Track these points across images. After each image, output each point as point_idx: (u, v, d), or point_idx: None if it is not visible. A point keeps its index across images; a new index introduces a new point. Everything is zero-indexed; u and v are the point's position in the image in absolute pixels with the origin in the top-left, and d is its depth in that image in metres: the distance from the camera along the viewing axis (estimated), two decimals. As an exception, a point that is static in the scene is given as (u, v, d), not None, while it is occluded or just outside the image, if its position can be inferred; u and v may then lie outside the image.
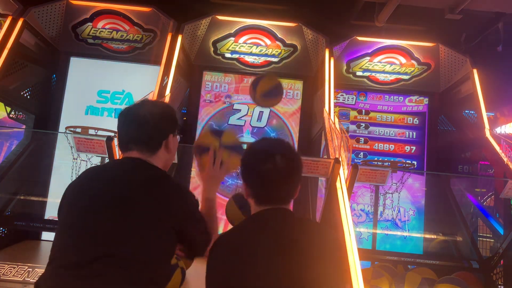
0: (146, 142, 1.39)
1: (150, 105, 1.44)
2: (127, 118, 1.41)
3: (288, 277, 1.19)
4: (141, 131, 1.38)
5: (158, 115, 1.41)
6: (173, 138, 1.45)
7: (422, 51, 4.54)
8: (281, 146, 1.37)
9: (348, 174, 2.87)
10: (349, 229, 2.49)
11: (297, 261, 1.21)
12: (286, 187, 1.34)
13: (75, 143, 2.79)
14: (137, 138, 1.38)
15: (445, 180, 4.36)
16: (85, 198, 1.30)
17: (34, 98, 4.22)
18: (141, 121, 1.38)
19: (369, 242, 4.00)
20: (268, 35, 4.50)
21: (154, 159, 1.39)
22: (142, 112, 1.39)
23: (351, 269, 2.24)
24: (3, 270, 2.60)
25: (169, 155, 1.46)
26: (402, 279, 2.97)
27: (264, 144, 1.42)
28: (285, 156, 1.32)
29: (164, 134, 1.42)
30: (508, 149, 3.57)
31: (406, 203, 4.41)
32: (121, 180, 1.32)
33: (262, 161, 1.31)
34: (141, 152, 1.38)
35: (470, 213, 4.14)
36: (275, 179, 1.30)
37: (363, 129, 4.70)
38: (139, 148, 1.38)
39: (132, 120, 1.40)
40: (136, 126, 1.39)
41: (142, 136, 1.38)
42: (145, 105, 1.43)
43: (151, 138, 1.39)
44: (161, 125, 1.42)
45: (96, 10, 4.33)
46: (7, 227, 3.39)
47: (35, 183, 4.09)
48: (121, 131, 1.42)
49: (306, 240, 1.27)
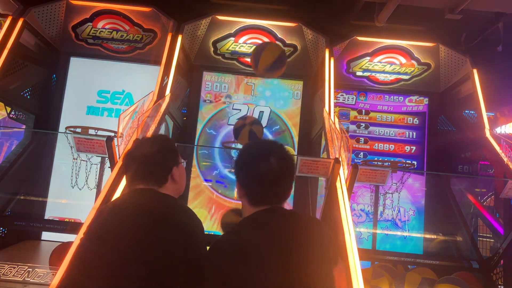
0: (151, 178, 1.47)
1: (149, 143, 1.53)
2: (128, 159, 1.51)
3: (288, 277, 1.19)
4: (144, 169, 1.47)
5: (158, 151, 1.50)
6: (177, 169, 1.52)
7: (422, 51, 4.54)
8: (275, 146, 1.39)
9: (348, 174, 2.87)
10: (349, 229, 2.49)
11: (296, 260, 1.22)
12: (280, 187, 1.35)
13: (75, 143, 2.79)
14: (141, 175, 1.47)
15: (445, 180, 4.36)
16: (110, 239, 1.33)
17: (34, 98, 4.22)
18: (143, 164, 1.47)
19: (369, 242, 4.00)
20: (268, 35, 4.50)
21: (162, 190, 1.47)
22: (142, 154, 1.48)
23: (351, 269, 2.24)
24: (3, 270, 2.60)
25: (177, 185, 1.53)
26: (402, 279, 2.97)
27: (258, 144, 1.45)
28: (279, 156, 1.34)
29: (168, 169, 1.50)
30: (508, 149, 3.57)
31: (406, 203, 4.41)
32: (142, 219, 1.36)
33: (256, 162, 1.33)
34: (148, 184, 1.46)
35: (470, 213, 4.14)
36: (270, 179, 1.32)
37: (363, 129, 4.70)
38: (145, 183, 1.46)
39: (133, 160, 1.48)
40: (138, 165, 1.47)
41: (146, 173, 1.47)
42: (144, 144, 1.53)
43: (156, 175, 1.48)
44: (163, 163, 1.50)
45: (96, 10, 4.33)
46: (7, 227, 3.39)
47: (35, 183, 4.10)
48: (125, 172, 1.52)
49: (304, 238, 1.28)
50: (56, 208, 4.09)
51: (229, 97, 4.67)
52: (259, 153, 1.36)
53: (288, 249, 1.23)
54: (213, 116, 4.63)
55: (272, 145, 1.40)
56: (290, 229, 1.29)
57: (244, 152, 1.43)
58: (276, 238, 1.25)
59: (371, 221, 3.80)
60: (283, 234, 1.27)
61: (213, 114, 4.63)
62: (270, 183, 1.32)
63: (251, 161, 1.35)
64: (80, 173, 3.49)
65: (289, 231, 1.28)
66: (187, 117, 4.64)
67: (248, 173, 1.35)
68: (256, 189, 1.34)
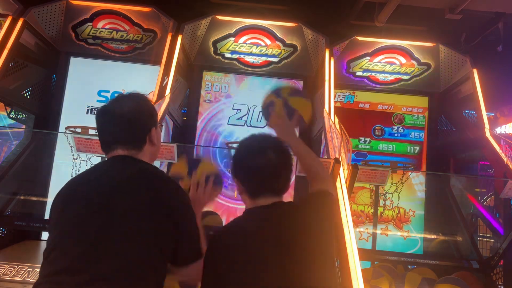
0: (130, 141, 1.36)
1: (128, 102, 1.40)
2: (106, 118, 1.38)
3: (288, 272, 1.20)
4: (124, 131, 1.36)
5: (137, 112, 1.38)
6: (155, 131, 1.43)
7: (422, 51, 4.54)
8: (270, 140, 1.40)
9: (348, 174, 2.87)
10: (349, 229, 2.49)
11: (296, 254, 1.23)
12: (278, 179, 1.36)
13: (75, 143, 2.79)
14: (121, 138, 1.36)
15: (445, 180, 4.36)
16: (80, 205, 1.25)
17: (34, 98, 4.22)
18: (121, 121, 1.35)
19: (369, 242, 4.00)
20: (268, 35, 4.50)
21: (140, 155, 1.37)
22: (120, 111, 1.36)
23: (351, 269, 2.24)
24: (3, 270, 2.60)
25: (154, 148, 1.43)
26: (402, 279, 2.97)
27: (253, 139, 1.44)
28: (275, 149, 1.35)
29: (147, 129, 1.40)
30: (508, 149, 3.57)
31: (406, 203, 4.41)
32: (115, 180, 1.28)
33: (253, 156, 1.34)
34: (127, 150, 1.35)
35: (470, 213, 4.14)
36: (268, 171, 1.33)
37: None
38: (124, 147, 1.35)
39: (112, 121, 1.37)
40: (118, 127, 1.36)
41: (126, 136, 1.36)
42: (122, 102, 1.39)
43: (135, 136, 1.37)
44: (143, 122, 1.39)
45: (96, 10, 4.32)
46: (7, 227, 3.39)
47: (35, 183, 4.09)
48: (102, 132, 1.39)
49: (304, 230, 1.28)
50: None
51: (229, 97, 4.67)
52: (256, 148, 1.37)
53: (288, 242, 1.24)
54: (213, 116, 4.63)
55: (268, 139, 1.41)
56: (289, 222, 1.29)
57: (241, 147, 1.43)
58: (276, 230, 1.26)
59: (371, 221, 3.80)
60: (283, 227, 1.27)
61: (213, 114, 4.63)
62: (269, 177, 1.33)
63: (249, 156, 1.36)
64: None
65: (289, 224, 1.28)
66: (187, 117, 4.64)
67: (246, 168, 1.36)
68: (255, 184, 1.35)
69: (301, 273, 1.20)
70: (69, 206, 1.27)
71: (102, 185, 1.28)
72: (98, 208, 1.22)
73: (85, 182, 1.34)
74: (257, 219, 1.31)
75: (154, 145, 1.42)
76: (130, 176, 1.29)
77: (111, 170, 1.33)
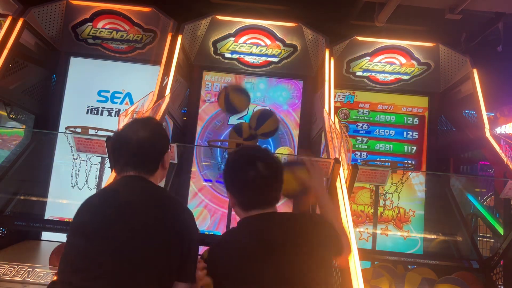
0: (144, 167, 1.39)
1: (143, 129, 1.41)
2: (120, 145, 1.41)
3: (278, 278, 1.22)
4: (139, 158, 1.39)
5: (153, 140, 1.41)
6: (167, 156, 1.46)
7: (422, 51, 4.54)
8: (260, 152, 1.40)
9: (348, 174, 2.87)
10: (349, 229, 2.49)
11: (286, 261, 1.24)
12: (270, 192, 1.36)
13: (75, 143, 2.79)
14: (134, 164, 1.38)
15: (445, 180, 4.36)
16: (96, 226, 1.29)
17: (34, 98, 4.22)
18: (137, 150, 1.38)
19: (369, 242, 4.00)
20: (268, 35, 4.50)
21: (152, 179, 1.41)
22: (136, 140, 1.38)
23: (351, 269, 2.24)
24: (3, 270, 2.60)
25: (164, 171, 1.48)
26: (402, 279, 2.97)
27: (243, 152, 1.44)
28: (265, 162, 1.34)
29: (160, 156, 1.43)
30: (508, 149, 3.57)
31: (406, 203, 4.41)
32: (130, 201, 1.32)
33: (243, 169, 1.34)
34: (139, 172, 1.38)
35: (470, 213, 4.14)
36: (259, 184, 1.32)
37: (363, 129, 4.70)
38: (138, 171, 1.38)
39: (126, 148, 1.39)
40: (133, 154, 1.38)
41: (140, 162, 1.39)
42: (137, 130, 1.41)
43: (149, 163, 1.40)
44: (157, 150, 1.42)
45: (96, 10, 4.33)
46: (7, 227, 3.39)
47: (35, 183, 4.10)
48: (115, 157, 1.42)
49: (295, 239, 1.29)
50: (56, 208, 4.09)
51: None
52: (245, 161, 1.36)
53: (279, 252, 1.25)
54: (213, 116, 4.63)
55: (257, 151, 1.41)
56: (282, 233, 1.30)
57: (230, 161, 1.42)
58: (263, 241, 1.27)
59: (371, 221, 3.80)
60: (275, 238, 1.28)
61: (213, 114, 4.63)
62: (259, 188, 1.33)
63: (239, 169, 1.36)
64: (80, 173, 3.49)
65: (281, 235, 1.29)
66: (187, 117, 4.64)
67: (237, 181, 1.36)
68: (246, 196, 1.35)
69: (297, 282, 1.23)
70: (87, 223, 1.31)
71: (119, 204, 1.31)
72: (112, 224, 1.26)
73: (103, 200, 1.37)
74: (250, 231, 1.32)
75: (165, 169, 1.47)
76: (142, 195, 1.33)
77: (125, 188, 1.36)
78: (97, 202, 1.36)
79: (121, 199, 1.32)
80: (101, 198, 1.39)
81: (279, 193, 1.38)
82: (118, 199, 1.32)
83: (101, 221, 1.27)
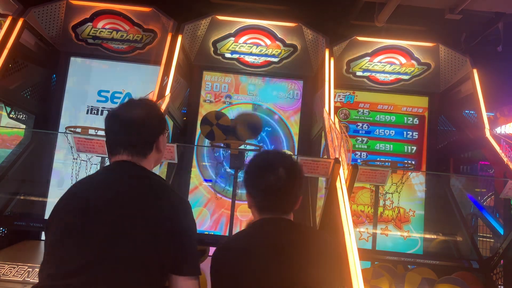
0: (137, 148, 1.34)
1: (137, 107, 1.38)
2: (115, 122, 1.36)
3: (284, 281, 1.23)
4: (131, 137, 1.34)
5: (147, 118, 1.36)
6: (163, 138, 1.41)
7: (422, 51, 4.54)
8: (283, 158, 1.41)
9: (348, 174, 2.87)
10: (349, 229, 2.49)
11: (292, 265, 1.26)
12: (287, 198, 1.38)
13: (75, 143, 2.79)
14: (127, 143, 1.34)
15: (445, 180, 4.36)
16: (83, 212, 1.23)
17: (34, 98, 4.22)
18: (130, 127, 1.33)
19: (369, 242, 4.00)
20: (268, 35, 4.50)
21: (145, 162, 1.36)
22: (130, 117, 1.34)
23: (351, 269, 2.24)
24: (3, 270, 2.60)
25: (160, 154, 1.42)
26: (402, 279, 2.97)
27: (266, 156, 1.46)
28: (287, 168, 1.36)
29: (154, 136, 1.38)
30: (508, 149, 3.57)
31: (406, 203, 4.41)
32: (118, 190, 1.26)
33: (265, 173, 1.35)
34: (132, 155, 1.33)
35: (470, 213, 4.14)
36: (277, 190, 1.34)
37: (363, 129, 4.70)
38: (129, 152, 1.33)
39: (120, 126, 1.35)
40: (125, 132, 1.34)
41: (132, 142, 1.34)
42: (132, 108, 1.37)
43: (142, 143, 1.35)
44: (151, 129, 1.38)
45: (96, 10, 4.32)
46: (7, 227, 3.39)
47: (35, 183, 4.09)
48: (109, 135, 1.37)
49: (302, 245, 1.31)
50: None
51: (229, 97, 4.67)
52: (265, 166, 1.38)
53: (284, 254, 1.26)
54: (213, 116, 4.62)
55: (280, 157, 1.42)
56: (287, 236, 1.32)
57: (251, 164, 1.44)
58: (272, 244, 1.29)
59: (371, 221, 3.80)
60: (281, 240, 1.30)
61: (213, 114, 4.63)
62: (277, 194, 1.35)
63: (260, 172, 1.37)
64: (80, 173, 3.49)
65: (287, 238, 1.31)
66: (187, 117, 4.64)
67: (257, 185, 1.38)
68: (263, 200, 1.37)
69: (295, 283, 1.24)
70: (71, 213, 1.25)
71: (106, 192, 1.26)
72: (101, 216, 1.21)
73: (88, 188, 1.31)
74: (262, 233, 1.33)
75: (160, 152, 1.41)
76: (134, 185, 1.28)
77: (115, 177, 1.31)
78: (83, 194, 1.28)
79: (108, 191, 1.26)
80: (86, 189, 1.31)
81: (297, 201, 1.40)
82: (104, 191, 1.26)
83: (86, 214, 1.21)
